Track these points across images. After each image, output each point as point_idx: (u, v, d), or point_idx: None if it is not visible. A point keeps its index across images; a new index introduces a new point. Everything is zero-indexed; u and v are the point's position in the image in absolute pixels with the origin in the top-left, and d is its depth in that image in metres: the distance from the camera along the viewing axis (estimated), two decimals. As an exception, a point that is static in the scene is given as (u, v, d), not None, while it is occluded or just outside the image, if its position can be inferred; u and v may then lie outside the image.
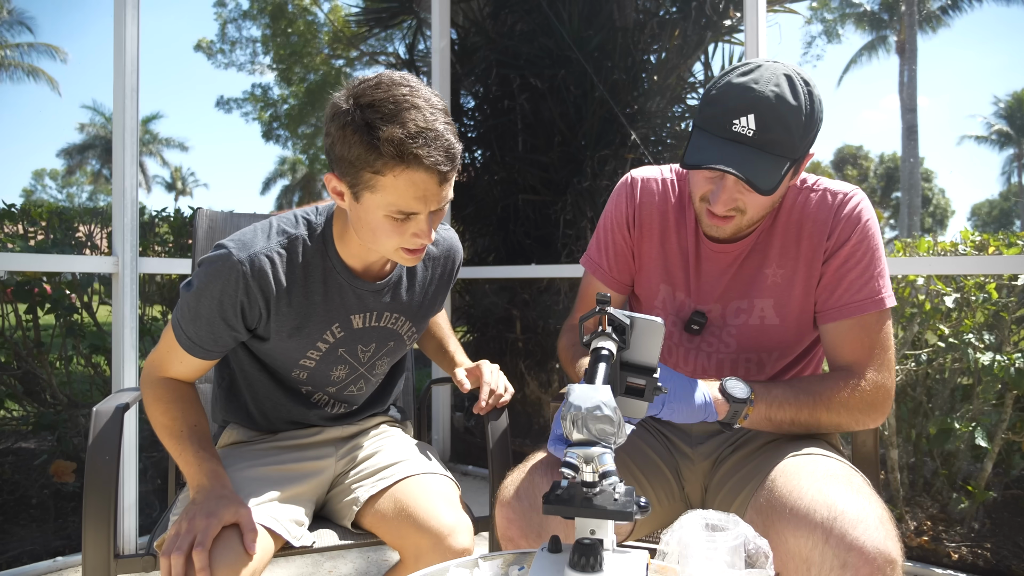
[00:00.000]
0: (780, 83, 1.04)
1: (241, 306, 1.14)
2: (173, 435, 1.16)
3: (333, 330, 1.26)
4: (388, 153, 1.01)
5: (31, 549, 2.32)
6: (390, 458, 1.34)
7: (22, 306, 2.86)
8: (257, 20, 19.21)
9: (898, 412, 2.41)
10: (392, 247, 1.13)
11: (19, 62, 25.03)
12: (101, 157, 33.06)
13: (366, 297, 1.26)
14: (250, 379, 1.34)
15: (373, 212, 1.08)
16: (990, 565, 2.15)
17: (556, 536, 0.75)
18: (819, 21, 25.41)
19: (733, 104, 1.05)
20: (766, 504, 1.02)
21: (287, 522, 1.19)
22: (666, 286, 1.28)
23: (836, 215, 1.16)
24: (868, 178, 39.61)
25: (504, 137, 3.80)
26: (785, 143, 1.04)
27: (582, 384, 0.76)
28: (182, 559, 1.00)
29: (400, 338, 1.37)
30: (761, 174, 1.03)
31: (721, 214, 1.12)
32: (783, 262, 1.19)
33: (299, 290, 1.19)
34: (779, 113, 1.03)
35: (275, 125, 20.81)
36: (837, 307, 1.16)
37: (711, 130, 1.07)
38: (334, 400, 1.37)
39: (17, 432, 3.07)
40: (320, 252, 1.21)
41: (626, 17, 3.58)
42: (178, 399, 1.19)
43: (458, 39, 3.84)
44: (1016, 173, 34.72)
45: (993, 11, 43.56)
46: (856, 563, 0.89)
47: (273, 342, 1.22)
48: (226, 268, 1.11)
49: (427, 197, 1.06)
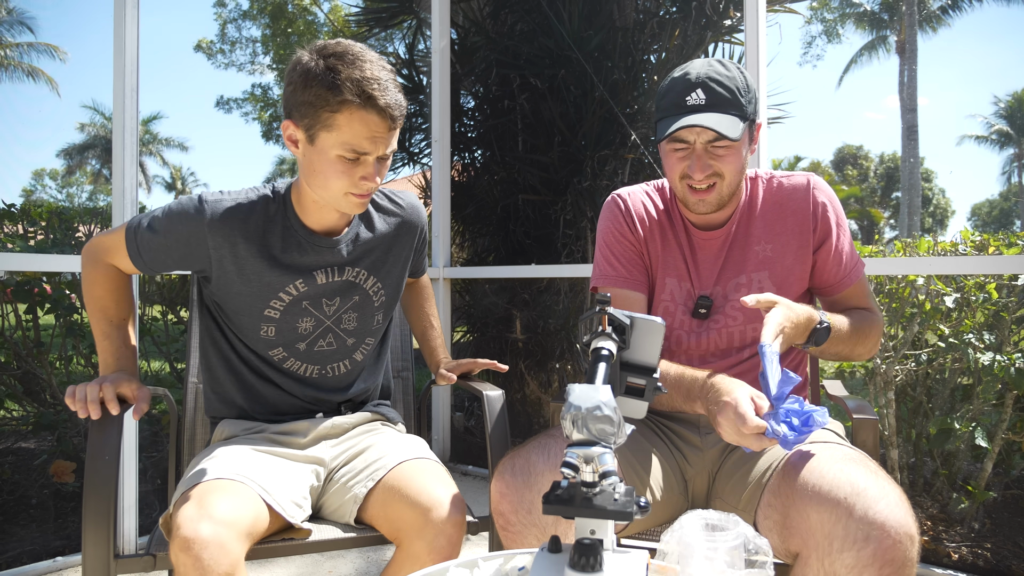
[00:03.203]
0: (711, 64, 1.27)
1: (196, 243, 1.27)
2: (104, 319, 1.34)
3: (296, 284, 1.34)
4: (348, 90, 1.14)
5: (31, 549, 2.32)
6: (381, 451, 1.36)
7: (22, 306, 2.86)
8: (257, 20, 19.24)
9: (898, 412, 2.41)
10: (341, 190, 1.23)
11: (19, 62, 25.03)
12: (101, 157, 33.06)
13: (324, 253, 1.35)
14: (229, 362, 1.40)
15: (327, 153, 1.19)
16: (990, 565, 2.15)
17: (556, 536, 0.75)
18: (819, 21, 25.46)
19: (680, 88, 1.25)
20: (786, 485, 1.07)
21: (285, 501, 1.20)
22: (671, 279, 1.38)
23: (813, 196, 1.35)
24: (868, 178, 39.61)
25: (504, 137, 3.80)
26: (734, 103, 1.24)
27: (582, 384, 0.76)
28: (87, 392, 1.17)
29: (365, 294, 1.41)
30: (724, 124, 1.21)
31: (702, 182, 1.26)
32: (770, 238, 1.35)
33: (258, 238, 1.30)
34: (719, 82, 1.24)
35: (275, 125, 20.83)
36: (847, 275, 1.36)
37: (670, 112, 1.25)
38: (306, 364, 1.40)
39: (17, 432, 3.07)
40: (280, 212, 1.33)
41: (626, 17, 3.58)
42: (116, 289, 1.36)
43: (458, 39, 3.84)
44: (1016, 173, 34.73)
45: (993, 11, 43.58)
46: (879, 536, 0.93)
47: (234, 288, 1.32)
48: (193, 209, 1.28)
49: (376, 138, 1.18)
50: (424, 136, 4.18)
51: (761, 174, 1.41)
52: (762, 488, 1.14)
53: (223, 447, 1.30)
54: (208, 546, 1.02)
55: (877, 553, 0.93)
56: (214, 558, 1.01)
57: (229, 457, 1.24)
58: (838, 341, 1.26)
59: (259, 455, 1.29)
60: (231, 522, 1.07)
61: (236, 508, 1.10)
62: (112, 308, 1.36)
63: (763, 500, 1.12)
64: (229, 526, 1.06)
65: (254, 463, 1.24)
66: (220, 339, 1.41)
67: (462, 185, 4.01)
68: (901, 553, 0.93)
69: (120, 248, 1.32)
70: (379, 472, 1.30)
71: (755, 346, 1.35)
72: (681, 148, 1.27)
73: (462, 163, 4.10)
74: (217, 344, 1.42)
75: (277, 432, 1.38)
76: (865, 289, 1.40)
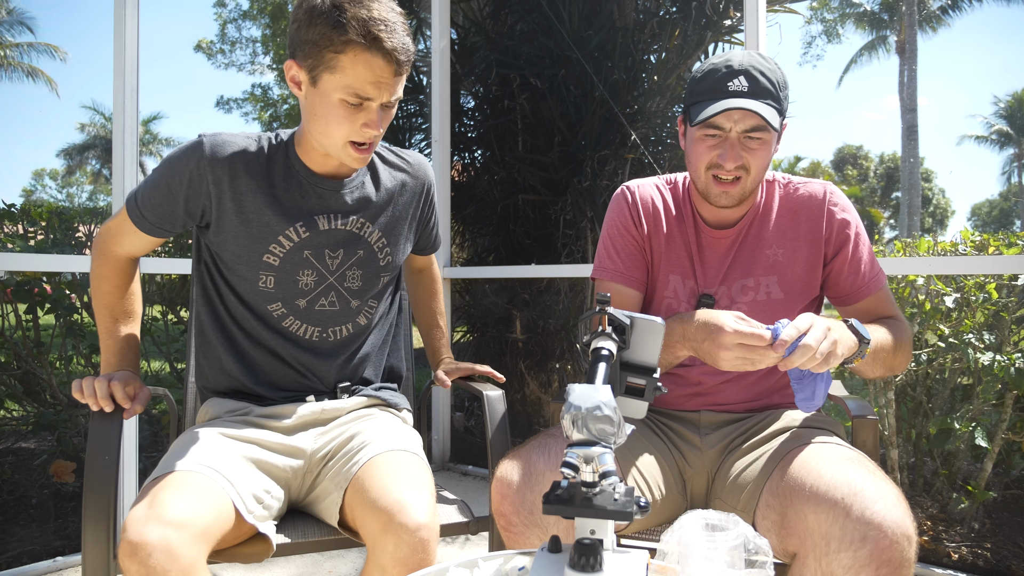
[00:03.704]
0: (752, 55, 1.25)
1: (197, 180, 1.24)
2: (109, 316, 1.32)
3: (297, 228, 1.29)
4: (352, 30, 1.09)
5: (31, 549, 2.32)
6: (361, 441, 1.27)
7: (22, 306, 2.86)
8: (257, 20, 19.24)
9: (898, 412, 2.41)
10: (342, 138, 1.19)
11: (19, 62, 25.04)
12: (101, 157, 33.06)
13: (327, 196, 1.31)
14: (223, 325, 1.35)
15: (329, 96, 1.15)
16: (990, 565, 2.15)
17: (556, 536, 0.75)
18: (819, 21, 25.44)
19: (722, 73, 1.22)
20: (784, 486, 1.07)
21: (247, 496, 1.13)
22: (675, 276, 1.36)
23: (827, 205, 1.33)
24: (868, 178, 39.61)
25: (504, 137, 3.80)
26: (774, 95, 1.23)
27: (582, 384, 0.76)
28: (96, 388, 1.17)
29: (370, 249, 1.36)
30: (768, 112, 1.19)
31: (731, 173, 1.23)
32: (782, 242, 1.33)
33: (258, 174, 1.27)
34: (761, 71, 1.22)
35: (275, 125, 20.83)
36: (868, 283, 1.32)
37: (710, 96, 1.22)
38: (306, 325, 1.34)
39: (17, 432, 3.07)
40: (282, 153, 1.30)
41: (626, 17, 3.58)
42: (123, 285, 1.34)
43: (458, 39, 3.84)
44: (1016, 173, 34.73)
45: (993, 11, 43.55)
46: (876, 536, 0.93)
47: (233, 230, 1.27)
48: (191, 145, 1.25)
49: (381, 83, 1.14)
50: (424, 136, 4.18)
51: (779, 178, 1.39)
52: (761, 488, 1.14)
53: (195, 431, 1.23)
54: (154, 552, 0.94)
55: (874, 553, 0.93)
56: (161, 564, 0.94)
57: (197, 445, 1.17)
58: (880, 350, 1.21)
59: (230, 443, 1.21)
60: (184, 523, 0.98)
61: (192, 507, 1.02)
62: (118, 305, 1.33)
63: (761, 500, 1.12)
64: (181, 528, 0.98)
65: (223, 452, 1.17)
66: (216, 299, 1.35)
67: (462, 185, 4.01)
68: (898, 553, 0.93)
69: (125, 223, 1.30)
70: (353, 468, 1.20)
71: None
72: (713, 135, 1.23)
73: (462, 163, 4.10)
74: (212, 305, 1.35)
75: (261, 415, 1.30)
76: (887, 298, 1.35)
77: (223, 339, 1.35)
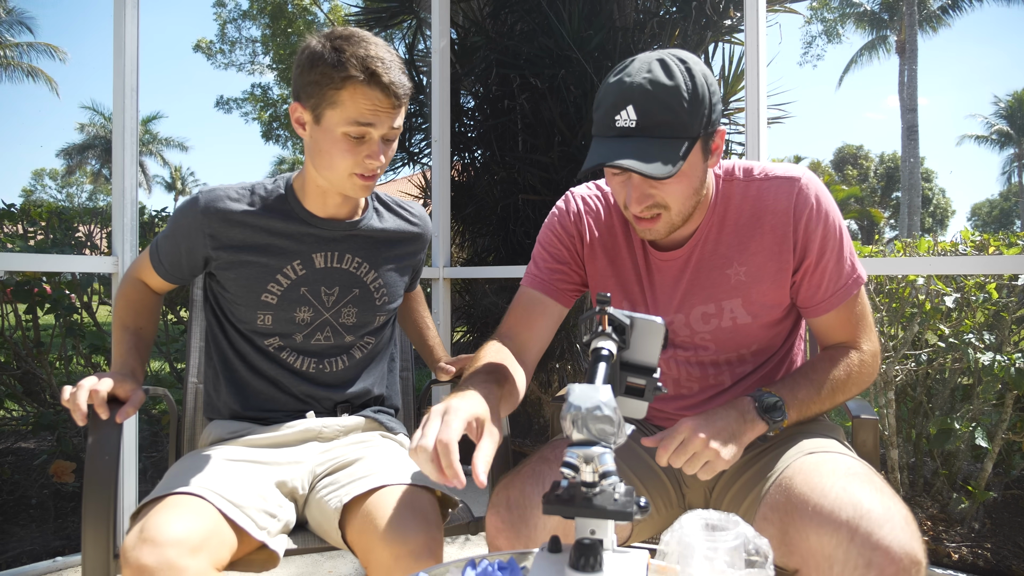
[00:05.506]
0: (652, 68, 1.04)
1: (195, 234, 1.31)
2: (121, 327, 1.38)
3: (294, 266, 1.35)
4: (352, 66, 1.16)
5: (31, 549, 2.32)
6: (369, 467, 1.28)
7: (22, 306, 2.86)
8: (257, 20, 19.22)
9: (898, 412, 2.41)
10: (346, 171, 1.24)
11: (19, 62, 25.04)
12: (101, 157, 33.06)
13: (324, 236, 1.36)
14: (226, 359, 1.40)
15: (332, 131, 1.21)
16: (990, 565, 2.15)
17: (556, 536, 0.75)
18: (819, 21, 25.46)
19: (611, 101, 1.05)
20: (785, 501, 1.02)
21: (253, 511, 1.15)
22: (627, 303, 1.27)
23: (796, 205, 1.15)
24: (868, 178, 39.61)
25: (504, 137, 3.80)
26: (673, 123, 1.03)
27: (582, 384, 0.76)
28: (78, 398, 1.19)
29: (366, 289, 1.41)
30: (654, 159, 1.02)
31: (641, 214, 1.11)
32: (743, 257, 1.18)
33: (255, 224, 1.32)
34: (656, 96, 1.02)
35: (275, 125, 20.81)
36: (824, 300, 1.17)
37: (600, 132, 1.07)
38: (303, 357, 1.38)
39: (17, 432, 3.07)
40: (280, 199, 1.35)
41: (626, 17, 3.58)
42: (142, 308, 1.42)
43: (458, 39, 3.84)
44: (1016, 173, 34.74)
45: (993, 11, 43.52)
46: (882, 563, 0.88)
47: (232, 272, 1.33)
48: (189, 201, 1.34)
49: (380, 113, 1.20)
50: (424, 136, 4.18)
51: (739, 168, 1.20)
52: (759, 500, 1.09)
53: (196, 455, 1.27)
54: (157, 572, 0.97)
55: None
56: None
57: (196, 467, 1.20)
58: (810, 404, 1.13)
59: (229, 464, 1.24)
60: (177, 540, 1.01)
61: (186, 525, 1.04)
62: (130, 318, 1.40)
63: (759, 513, 1.06)
64: (175, 545, 1.00)
65: (222, 473, 1.19)
66: (220, 337, 1.41)
67: (462, 185, 4.00)
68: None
69: (146, 261, 1.41)
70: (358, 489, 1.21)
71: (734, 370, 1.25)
72: (618, 173, 1.11)
73: (462, 163, 4.10)
74: (217, 342, 1.42)
75: (263, 435, 1.35)
76: (849, 318, 1.18)
77: (225, 371, 1.41)
